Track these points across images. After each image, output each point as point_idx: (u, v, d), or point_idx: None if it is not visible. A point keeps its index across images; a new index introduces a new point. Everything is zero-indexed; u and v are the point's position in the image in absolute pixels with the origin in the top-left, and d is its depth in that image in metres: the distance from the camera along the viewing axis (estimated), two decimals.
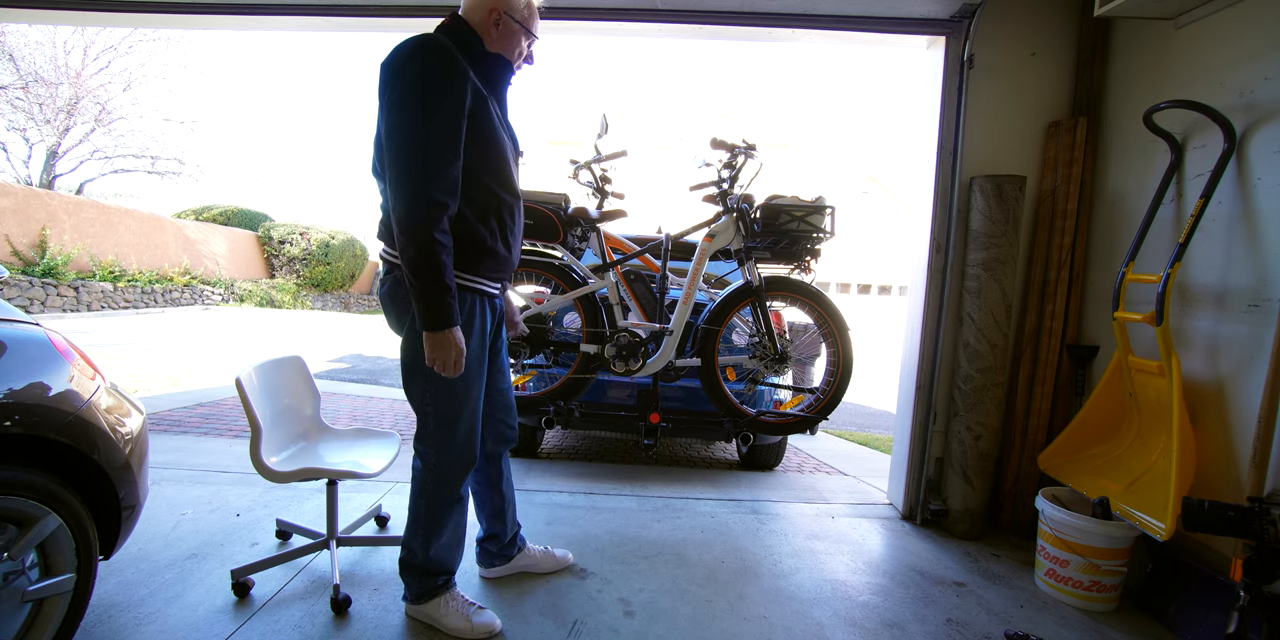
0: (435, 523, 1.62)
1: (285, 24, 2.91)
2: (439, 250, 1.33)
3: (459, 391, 1.55)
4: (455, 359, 1.41)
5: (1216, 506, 1.48)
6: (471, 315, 1.53)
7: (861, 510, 2.88)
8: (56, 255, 9.35)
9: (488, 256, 1.52)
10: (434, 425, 1.57)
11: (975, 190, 2.55)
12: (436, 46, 1.35)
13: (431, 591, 1.66)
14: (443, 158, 1.34)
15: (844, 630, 1.81)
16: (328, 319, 13.34)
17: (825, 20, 2.65)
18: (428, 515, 1.62)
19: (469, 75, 1.38)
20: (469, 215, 1.46)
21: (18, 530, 1.24)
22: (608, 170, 2.75)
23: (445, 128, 1.34)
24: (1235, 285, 1.88)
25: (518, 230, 1.63)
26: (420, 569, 1.65)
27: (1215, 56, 2.03)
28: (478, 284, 1.53)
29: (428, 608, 1.66)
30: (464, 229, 1.45)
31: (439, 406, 1.56)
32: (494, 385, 1.78)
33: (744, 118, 23.35)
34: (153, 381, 5.04)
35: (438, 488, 1.61)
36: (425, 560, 1.64)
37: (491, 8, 1.49)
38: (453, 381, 1.51)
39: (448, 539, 1.65)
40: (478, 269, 1.52)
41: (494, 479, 1.89)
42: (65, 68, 15.11)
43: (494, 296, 1.62)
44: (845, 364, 2.55)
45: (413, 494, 1.64)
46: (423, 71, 1.33)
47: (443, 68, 1.34)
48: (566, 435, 4.42)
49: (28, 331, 1.36)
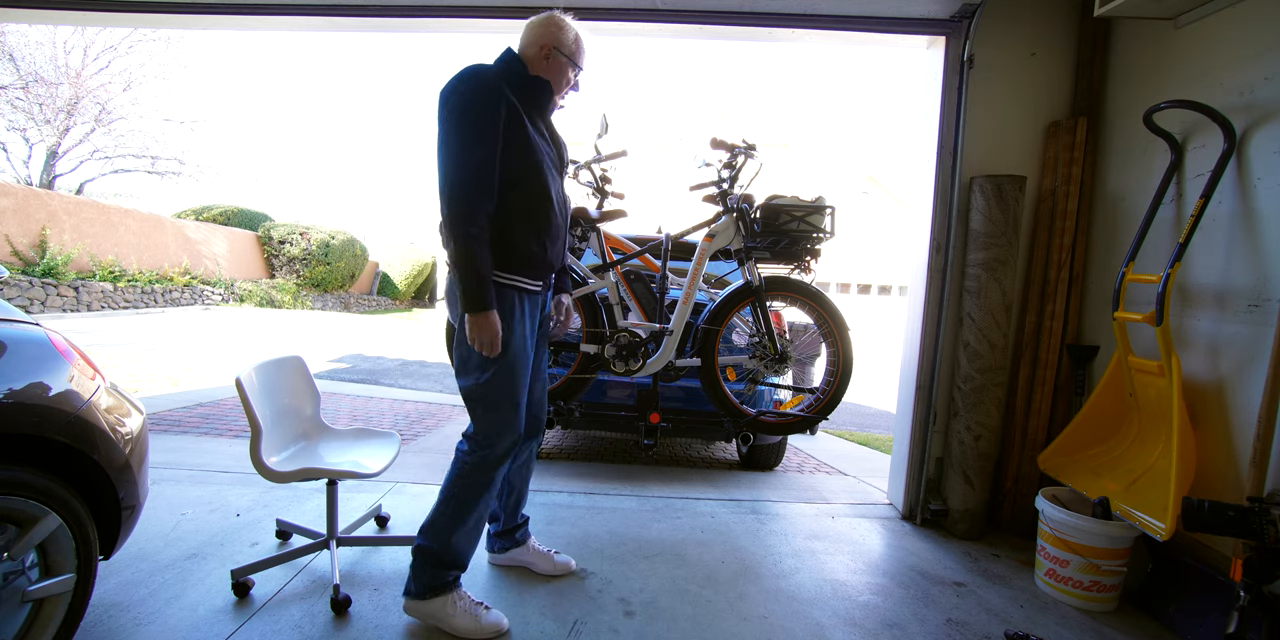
0: (466, 508, 1.67)
1: (285, 24, 2.90)
2: (473, 246, 1.53)
3: (505, 382, 1.66)
4: (491, 339, 1.58)
5: (1216, 507, 1.48)
6: (511, 309, 1.65)
7: (861, 510, 2.88)
8: (56, 255, 9.34)
9: (523, 256, 1.66)
10: (481, 412, 1.67)
11: (975, 190, 2.55)
12: (477, 76, 1.57)
13: (440, 587, 1.67)
14: (479, 173, 1.54)
15: (844, 630, 1.81)
16: (328, 319, 13.34)
17: (825, 20, 2.65)
18: (460, 496, 1.68)
19: (504, 99, 1.56)
20: (506, 219, 1.61)
21: (18, 530, 1.24)
22: (608, 170, 2.75)
23: (482, 149, 1.54)
24: (1235, 285, 1.88)
25: (555, 233, 1.74)
26: (436, 558, 1.67)
27: (1215, 56, 2.03)
28: (515, 281, 1.66)
29: (432, 606, 1.65)
30: (502, 232, 1.61)
31: (486, 394, 1.66)
32: (535, 385, 1.89)
33: (744, 118, 23.36)
34: (153, 381, 5.04)
35: (478, 473, 1.67)
36: (444, 548, 1.66)
37: (543, 44, 1.68)
38: (500, 369, 1.64)
39: (470, 527, 1.70)
40: (514, 267, 1.65)
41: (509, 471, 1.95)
42: (65, 68, 15.09)
43: (535, 293, 1.73)
44: (845, 364, 2.55)
45: (449, 476, 1.70)
46: (463, 101, 1.55)
47: (481, 96, 1.54)
48: (566, 435, 4.42)
49: (28, 331, 1.36)
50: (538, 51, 1.69)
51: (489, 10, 2.68)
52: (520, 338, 1.67)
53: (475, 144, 1.53)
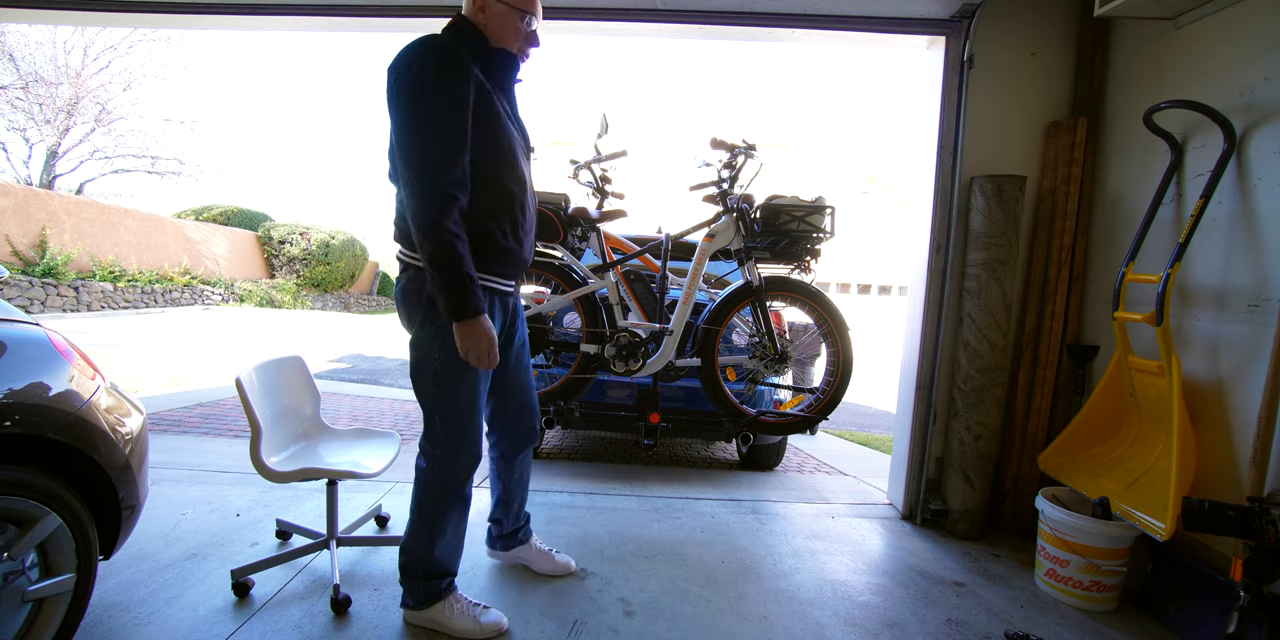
0: (438, 523, 1.60)
1: (285, 24, 2.91)
2: (455, 242, 1.35)
3: (464, 387, 1.54)
4: (487, 348, 1.43)
5: (1216, 507, 1.48)
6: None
7: (861, 510, 2.88)
8: (56, 255, 9.35)
9: (499, 253, 1.52)
10: (440, 422, 1.55)
11: (975, 190, 2.55)
12: (436, 45, 1.36)
13: (435, 595, 1.65)
14: (449, 154, 1.35)
15: (844, 630, 1.81)
16: (328, 319, 13.34)
17: (825, 20, 2.65)
18: (431, 515, 1.60)
19: (472, 72, 1.38)
20: (479, 212, 1.45)
21: (18, 530, 1.24)
22: (608, 170, 2.75)
23: (449, 126, 1.35)
24: (1235, 285, 1.88)
25: (529, 225, 1.60)
26: (423, 572, 1.63)
27: (1215, 56, 2.03)
28: (489, 281, 1.54)
29: (431, 612, 1.64)
30: (475, 226, 1.44)
31: (444, 402, 1.54)
32: (511, 383, 1.77)
33: (744, 118, 23.36)
34: (153, 381, 5.04)
35: (443, 487, 1.59)
36: (428, 563, 1.62)
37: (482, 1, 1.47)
38: (458, 378, 1.52)
39: (450, 539, 1.64)
40: (489, 266, 1.51)
41: (506, 474, 1.93)
42: (65, 68, 15.09)
43: (507, 294, 1.61)
44: (845, 364, 2.55)
45: (415, 494, 1.62)
46: (424, 72, 1.34)
47: (444, 67, 1.35)
48: (566, 435, 4.42)
49: (28, 331, 1.36)
50: (471, 6, 1.47)
51: None
52: None
53: (438, 124, 1.32)
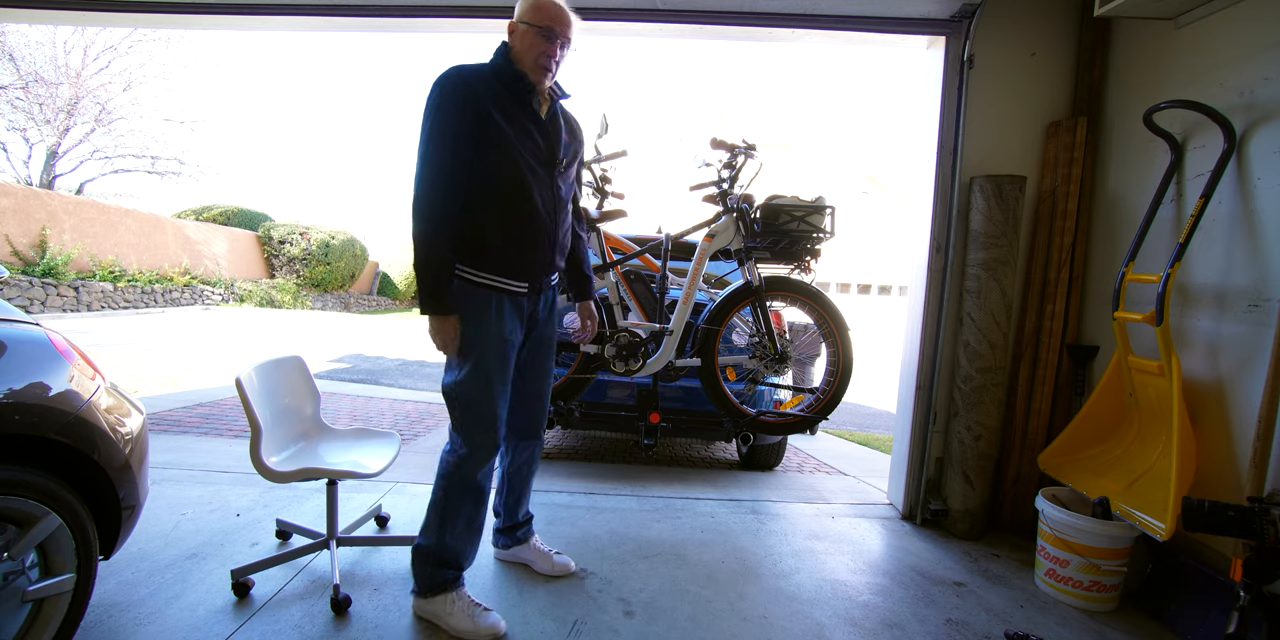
0: (451, 509, 1.69)
1: (285, 24, 2.91)
2: (431, 253, 1.55)
3: (480, 380, 1.65)
4: (447, 341, 1.62)
5: (1216, 506, 1.48)
6: (486, 308, 1.63)
7: (861, 510, 2.88)
8: (56, 255, 9.34)
9: (498, 256, 1.64)
10: (459, 411, 1.67)
11: (975, 190, 2.55)
12: (446, 74, 1.57)
13: (440, 586, 1.68)
14: (438, 171, 1.55)
15: (844, 630, 1.81)
16: (328, 319, 13.33)
17: (825, 20, 2.65)
18: (446, 500, 1.69)
19: (471, 97, 1.55)
20: (481, 220, 1.61)
21: (18, 530, 1.24)
22: (608, 170, 2.75)
23: (444, 147, 1.55)
24: (1235, 285, 1.88)
25: (535, 233, 1.68)
26: (434, 557, 1.68)
27: (1215, 56, 2.03)
28: (493, 281, 1.64)
29: (435, 604, 1.67)
30: (475, 231, 1.61)
31: (461, 391, 1.65)
32: (529, 387, 1.88)
33: (744, 118, 23.39)
34: (153, 381, 5.04)
35: (459, 473, 1.68)
36: (439, 547, 1.68)
37: (511, 25, 1.65)
38: (474, 368, 1.63)
39: (462, 529, 1.71)
40: (491, 267, 1.64)
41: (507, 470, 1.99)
42: (65, 68, 15.10)
43: (517, 294, 1.69)
44: (845, 364, 2.55)
45: (436, 477, 1.72)
46: (429, 99, 1.56)
47: (444, 94, 1.55)
48: (566, 435, 4.42)
49: (28, 331, 1.36)
50: (509, 33, 1.66)
51: (488, 10, 2.68)
52: (496, 338, 1.64)
53: (440, 144, 1.54)
